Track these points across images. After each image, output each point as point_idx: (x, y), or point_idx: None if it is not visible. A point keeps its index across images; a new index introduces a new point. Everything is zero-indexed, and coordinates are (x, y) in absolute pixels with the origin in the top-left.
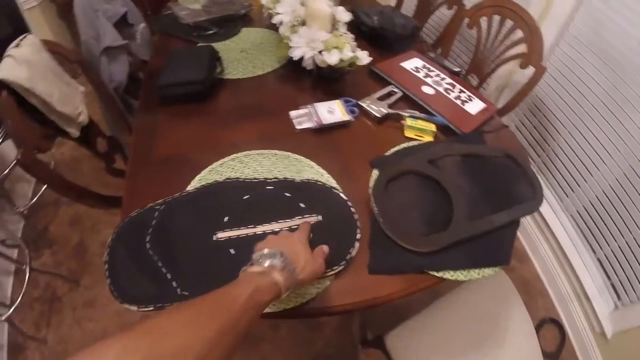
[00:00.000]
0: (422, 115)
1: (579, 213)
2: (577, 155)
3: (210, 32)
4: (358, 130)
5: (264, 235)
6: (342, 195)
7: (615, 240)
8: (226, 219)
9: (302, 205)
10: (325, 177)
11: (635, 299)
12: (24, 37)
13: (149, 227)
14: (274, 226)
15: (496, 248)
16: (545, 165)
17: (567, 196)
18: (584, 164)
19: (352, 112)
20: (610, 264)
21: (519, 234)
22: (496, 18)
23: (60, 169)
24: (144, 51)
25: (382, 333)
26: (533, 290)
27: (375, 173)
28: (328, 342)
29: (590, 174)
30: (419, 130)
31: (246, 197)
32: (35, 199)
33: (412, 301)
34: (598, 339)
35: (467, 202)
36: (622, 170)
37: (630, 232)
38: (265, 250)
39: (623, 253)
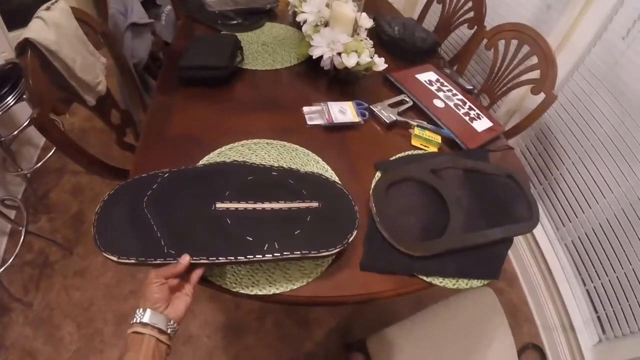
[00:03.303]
0: (430, 126)
1: (573, 243)
2: (578, 187)
3: (235, 22)
4: (366, 133)
5: (262, 211)
6: (343, 188)
7: (606, 274)
8: (227, 192)
9: (304, 192)
10: (329, 173)
11: (619, 334)
12: (56, 1)
13: (150, 189)
14: (274, 205)
15: (487, 262)
16: (546, 193)
17: (564, 225)
18: (584, 196)
19: (362, 115)
20: (599, 297)
21: (512, 257)
22: (514, 42)
23: None
24: (167, 33)
25: (366, 336)
26: (520, 316)
27: (378, 175)
28: (314, 342)
29: (589, 206)
30: (425, 140)
31: (250, 177)
32: (40, 164)
33: (399, 309)
34: None
35: (463, 215)
36: (620, 206)
37: (622, 267)
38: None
39: (612, 287)
